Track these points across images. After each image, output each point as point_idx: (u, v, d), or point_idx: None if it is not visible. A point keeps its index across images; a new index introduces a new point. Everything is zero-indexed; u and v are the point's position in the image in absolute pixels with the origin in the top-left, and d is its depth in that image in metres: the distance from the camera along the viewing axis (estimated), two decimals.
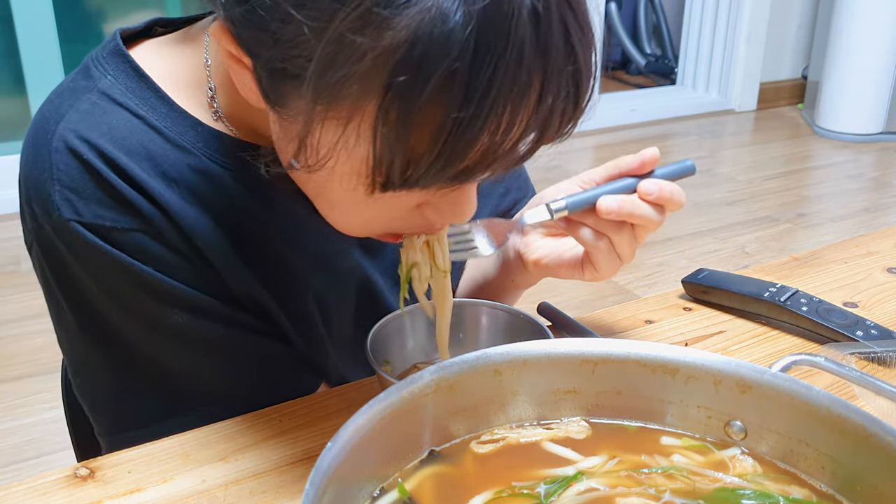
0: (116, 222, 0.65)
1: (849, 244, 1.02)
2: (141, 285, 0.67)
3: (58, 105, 0.68)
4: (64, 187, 0.65)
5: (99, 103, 0.67)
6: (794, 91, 4.56)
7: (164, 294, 0.68)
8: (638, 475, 0.50)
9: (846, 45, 3.85)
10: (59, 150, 0.65)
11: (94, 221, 0.65)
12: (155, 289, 0.68)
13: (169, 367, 0.71)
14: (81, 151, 0.65)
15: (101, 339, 0.70)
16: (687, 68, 4.63)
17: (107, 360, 0.71)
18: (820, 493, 0.49)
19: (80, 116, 0.66)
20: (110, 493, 0.60)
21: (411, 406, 0.49)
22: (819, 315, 0.80)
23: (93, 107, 0.67)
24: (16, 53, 2.96)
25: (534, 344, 0.53)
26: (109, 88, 0.68)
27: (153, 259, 0.67)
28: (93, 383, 0.73)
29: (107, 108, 0.67)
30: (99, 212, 0.65)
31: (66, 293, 0.69)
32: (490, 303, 0.75)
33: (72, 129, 0.66)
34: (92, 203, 0.65)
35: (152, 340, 0.70)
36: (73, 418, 0.92)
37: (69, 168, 0.65)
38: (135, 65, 0.69)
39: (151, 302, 0.68)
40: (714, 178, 3.54)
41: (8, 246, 2.69)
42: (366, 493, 0.47)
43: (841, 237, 2.53)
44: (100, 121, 0.66)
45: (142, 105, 0.68)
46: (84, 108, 0.67)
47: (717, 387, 0.52)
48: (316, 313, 0.78)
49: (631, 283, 2.62)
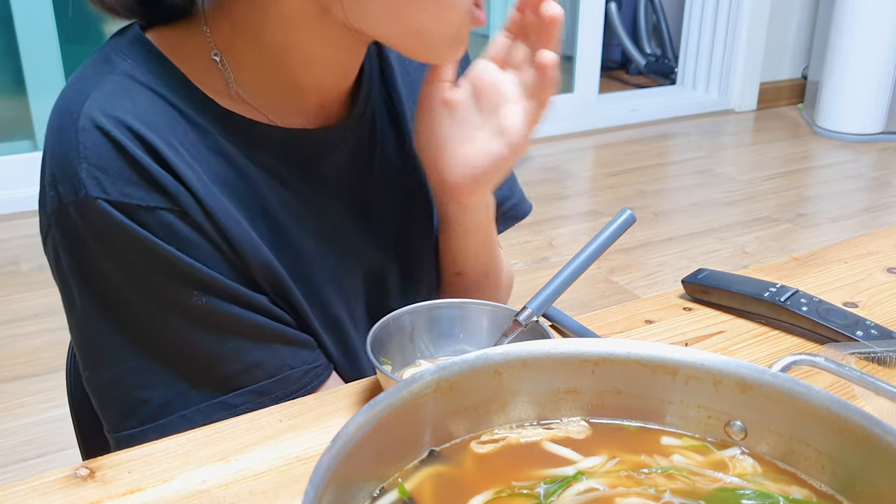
0: (143, 200, 0.66)
1: (849, 244, 1.02)
2: (163, 266, 0.67)
3: (80, 88, 0.68)
4: (91, 165, 0.65)
5: (122, 83, 0.68)
6: (794, 91, 4.56)
7: (186, 276, 0.68)
8: (638, 475, 0.50)
9: (846, 45, 3.85)
10: (87, 128, 0.65)
11: (120, 199, 0.65)
12: (177, 270, 0.67)
13: (186, 353, 0.71)
14: (109, 129, 0.65)
15: (116, 324, 0.69)
16: (687, 68, 4.63)
17: (122, 346, 0.70)
18: (820, 493, 0.49)
19: (105, 96, 0.67)
20: (110, 493, 0.60)
21: (411, 406, 0.49)
22: (819, 315, 0.80)
23: (116, 87, 0.68)
24: (16, 53, 2.96)
25: (534, 344, 0.53)
26: (131, 70, 0.69)
27: (178, 239, 0.67)
28: (105, 373, 0.72)
29: (130, 87, 0.68)
30: (126, 190, 0.65)
31: (83, 277, 0.69)
32: (490, 303, 0.75)
33: (98, 108, 0.66)
34: (119, 181, 0.65)
35: (171, 324, 0.69)
36: (79, 416, 0.91)
37: (97, 146, 0.65)
38: (153, 48, 0.70)
39: (172, 283, 0.68)
40: (714, 178, 3.54)
41: (8, 246, 2.69)
42: (366, 493, 0.47)
43: (841, 237, 2.53)
44: (125, 99, 0.67)
45: (162, 85, 0.69)
46: (108, 89, 0.67)
47: (717, 387, 0.52)
48: (330, 293, 0.78)
49: (631, 283, 2.62)
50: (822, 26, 4.22)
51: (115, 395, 0.72)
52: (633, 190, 3.39)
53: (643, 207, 3.18)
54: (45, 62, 2.96)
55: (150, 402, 0.71)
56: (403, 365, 0.73)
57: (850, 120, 3.96)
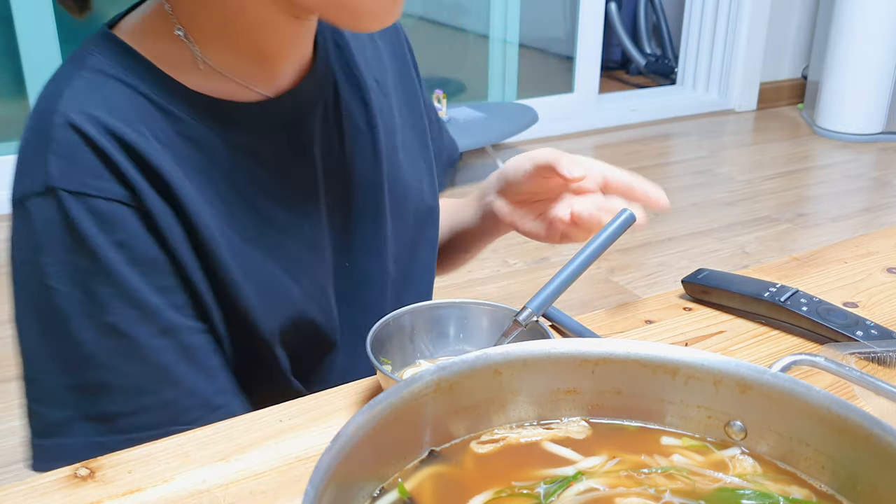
0: (102, 191, 0.67)
1: (849, 244, 1.02)
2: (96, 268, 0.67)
3: (54, 88, 0.70)
4: (59, 157, 0.67)
5: (91, 78, 0.70)
6: (794, 91, 4.56)
7: (114, 285, 0.68)
8: (638, 475, 0.50)
9: (846, 45, 3.85)
10: (61, 125, 0.67)
11: (77, 189, 0.66)
12: (107, 274, 0.67)
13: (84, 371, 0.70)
14: (80, 123, 0.67)
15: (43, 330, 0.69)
16: (687, 68, 4.63)
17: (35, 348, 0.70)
18: (820, 493, 0.49)
19: (76, 92, 0.69)
20: (110, 493, 0.60)
21: (411, 406, 0.49)
22: (819, 315, 0.80)
23: (87, 83, 0.70)
24: (16, 53, 2.96)
25: (534, 344, 0.53)
26: (100, 64, 0.71)
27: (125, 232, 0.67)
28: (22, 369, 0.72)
29: (101, 81, 0.70)
30: (87, 180, 0.66)
31: (17, 266, 0.69)
32: (490, 303, 0.75)
33: (72, 105, 0.68)
34: (83, 172, 0.66)
35: (85, 325, 0.69)
36: None
37: (69, 142, 0.67)
38: (119, 41, 0.72)
39: (101, 286, 0.68)
40: (714, 178, 3.54)
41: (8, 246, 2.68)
42: (366, 493, 0.47)
43: (841, 237, 2.53)
44: (96, 94, 0.69)
45: (131, 75, 0.71)
46: (79, 85, 0.69)
47: (717, 387, 0.52)
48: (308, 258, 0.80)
49: (631, 283, 2.63)
50: (822, 26, 4.22)
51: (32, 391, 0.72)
52: None
53: None
54: (45, 62, 2.96)
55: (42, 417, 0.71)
56: (403, 365, 0.73)
57: (850, 120, 3.96)
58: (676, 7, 4.87)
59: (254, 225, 0.75)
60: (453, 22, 4.31)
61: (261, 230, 0.76)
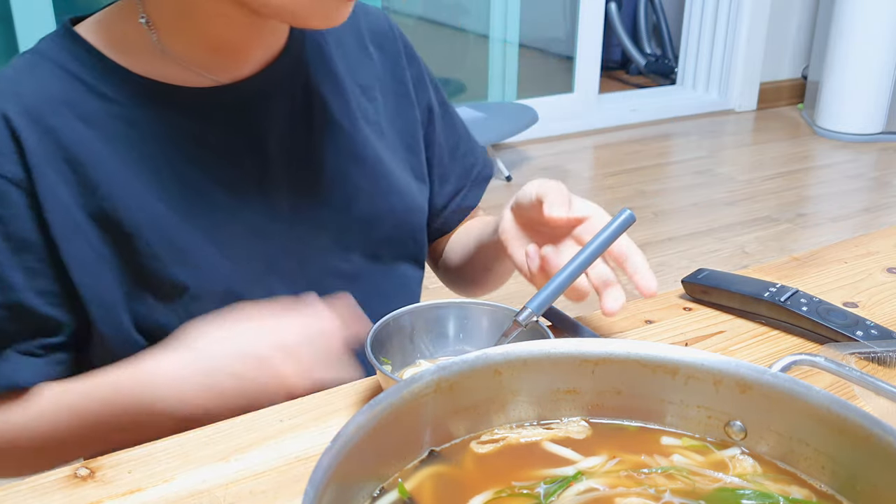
0: None
1: (849, 244, 1.02)
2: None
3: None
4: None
5: (30, 59, 0.76)
6: (794, 91, 4.56)
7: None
8: (638, 475, 0.50)
9: (846, 45, 3.85)
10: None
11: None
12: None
13: None
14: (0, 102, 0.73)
15: None
16: (687, 68, 4.63)
17: None
18: (820, 493, 0.49)
19: (9, 72, 0.76)
20: (110, 493, 0.60)
21: (411, 406, 0.49)
22: (819, 315, 0.80)
23: (24, 64, 0.76)
24: (16, 53, 2.96)
25: (534, 344, 0.53)
26: (43, 47, 0.77)
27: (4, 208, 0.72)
28: None
29: (36, 62, 0.76)
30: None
31: None
32: (490, 303, 0.75)
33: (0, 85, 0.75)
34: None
35: None
36: None
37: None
38: (72, 30, 0.77)
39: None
40: (714, 178, 3.54)
41: None
42: (366, 493, 0.47)
43: (841, 237, 2.53)
44: (26, 74, 0.75)
45: (71, 61, 0.75)
46: (16, 65, 0.76)
47: (717, 387, 0.52)
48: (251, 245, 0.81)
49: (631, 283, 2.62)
50: (822, 26, 4.22)
51: None
52: (633, 190, 3.39)
53: (643, 207, 3.18)
54: None
55: None
56: (403, 365, 0.73)
57: (849, 120, 3.96)
58: (676, 7, 4.87)
59: (191, 204, 0.77)
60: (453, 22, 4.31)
61: (199, 210, 0.78)
